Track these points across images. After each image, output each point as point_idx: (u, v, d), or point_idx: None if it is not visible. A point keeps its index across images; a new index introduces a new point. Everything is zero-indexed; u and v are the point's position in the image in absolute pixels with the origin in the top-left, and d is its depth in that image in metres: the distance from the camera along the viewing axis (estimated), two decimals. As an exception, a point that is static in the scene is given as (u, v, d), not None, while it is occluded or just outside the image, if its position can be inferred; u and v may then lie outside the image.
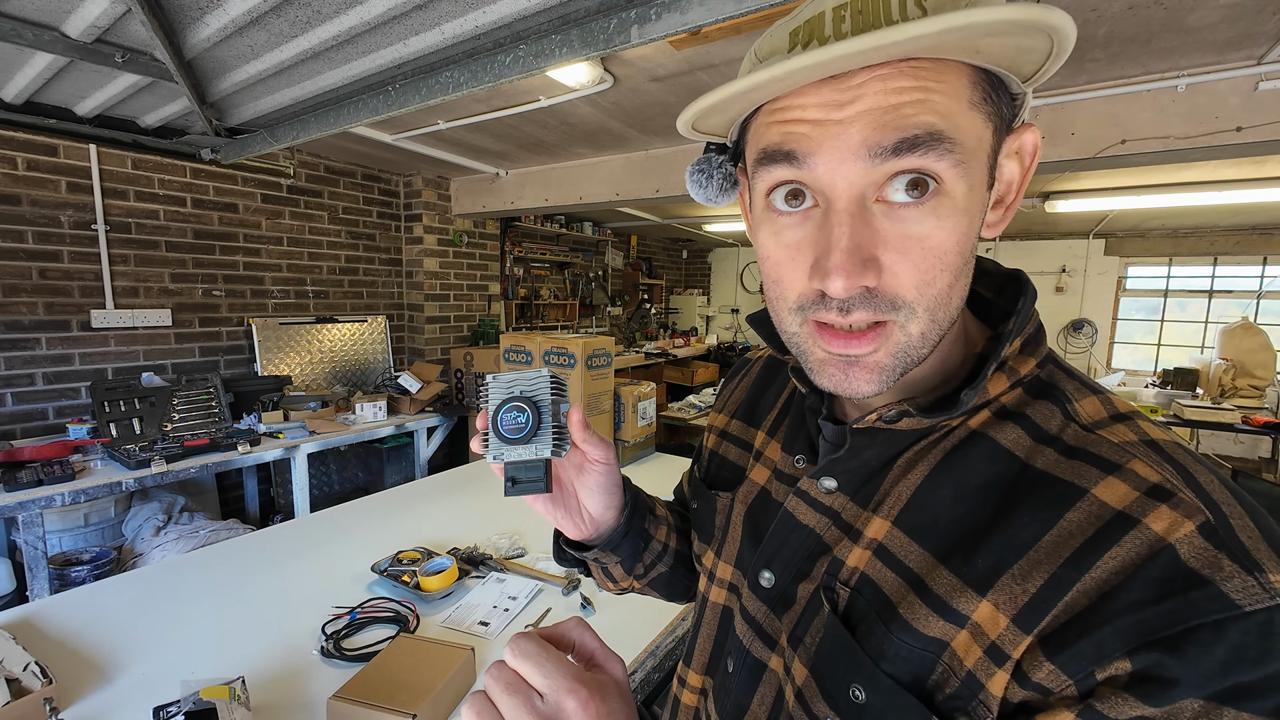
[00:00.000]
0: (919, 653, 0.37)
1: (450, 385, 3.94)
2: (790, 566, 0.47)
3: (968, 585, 0.36)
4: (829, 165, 0.35)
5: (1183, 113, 2.10)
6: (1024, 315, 0.41)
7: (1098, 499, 0.34)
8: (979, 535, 0.37)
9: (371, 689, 0.91)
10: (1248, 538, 0.31)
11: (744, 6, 1.14)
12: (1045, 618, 0.33)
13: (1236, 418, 3.66)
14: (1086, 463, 0.36)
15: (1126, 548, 0.32)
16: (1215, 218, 4.90)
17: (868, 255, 0.35)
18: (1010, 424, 0.40)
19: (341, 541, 1.63)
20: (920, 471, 0.42)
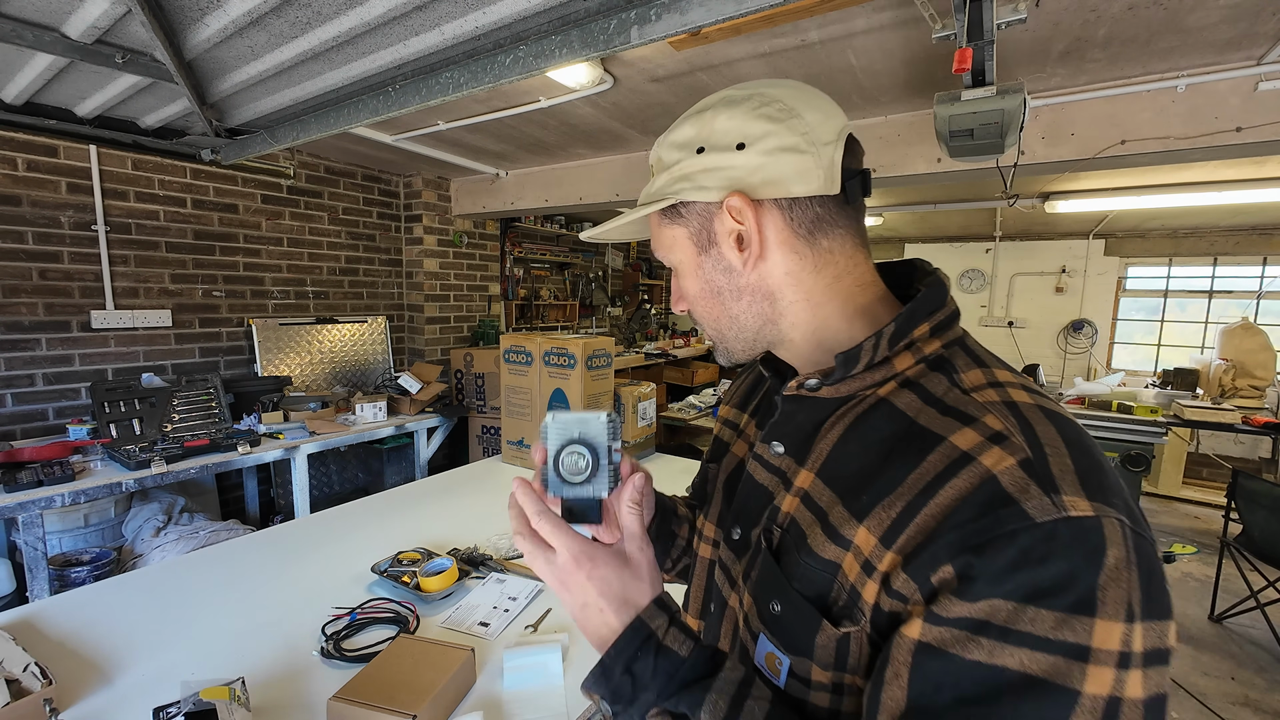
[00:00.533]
0: (820, 573, 0.47)
1: (450, 386, 3.93)
2: (750, 519, 0.57)
3: (853, 516, 0.46)
4: None
5: (1183, 113, 2.10)
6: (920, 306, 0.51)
7: (952, 444, 0.43)
8: (867, 478, 0.46)
9: (372, 689, 0.91)
10: (1058, 470, 0.39)
11: (744, 7, 1.14)
12: (902, 536, 0.42)
13: (1236, 418, 3.65)
14: (953, 418, 0.45)
15: (962, 479, 0.40)
16: (1215, 218, 4.90)
17: (677, 296, 0.61)
18: (908, 391, 0.49)
19: (341, 542, 1.63)
20: (838, 431, 0.51)
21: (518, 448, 2.38)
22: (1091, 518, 0.37)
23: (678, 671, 0.46)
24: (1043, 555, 0.36)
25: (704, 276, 0.56)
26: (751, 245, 0.52)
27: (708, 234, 0.54)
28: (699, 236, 0.55)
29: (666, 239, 0.58)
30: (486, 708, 0.98)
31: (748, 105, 0.52)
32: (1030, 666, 0.35)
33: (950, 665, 0.38)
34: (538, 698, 1.01)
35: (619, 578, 0.50)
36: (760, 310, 0.55)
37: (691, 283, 0.57)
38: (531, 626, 1.22)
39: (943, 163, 2.52)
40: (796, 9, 1.66)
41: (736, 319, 0.56)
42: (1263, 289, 5.28)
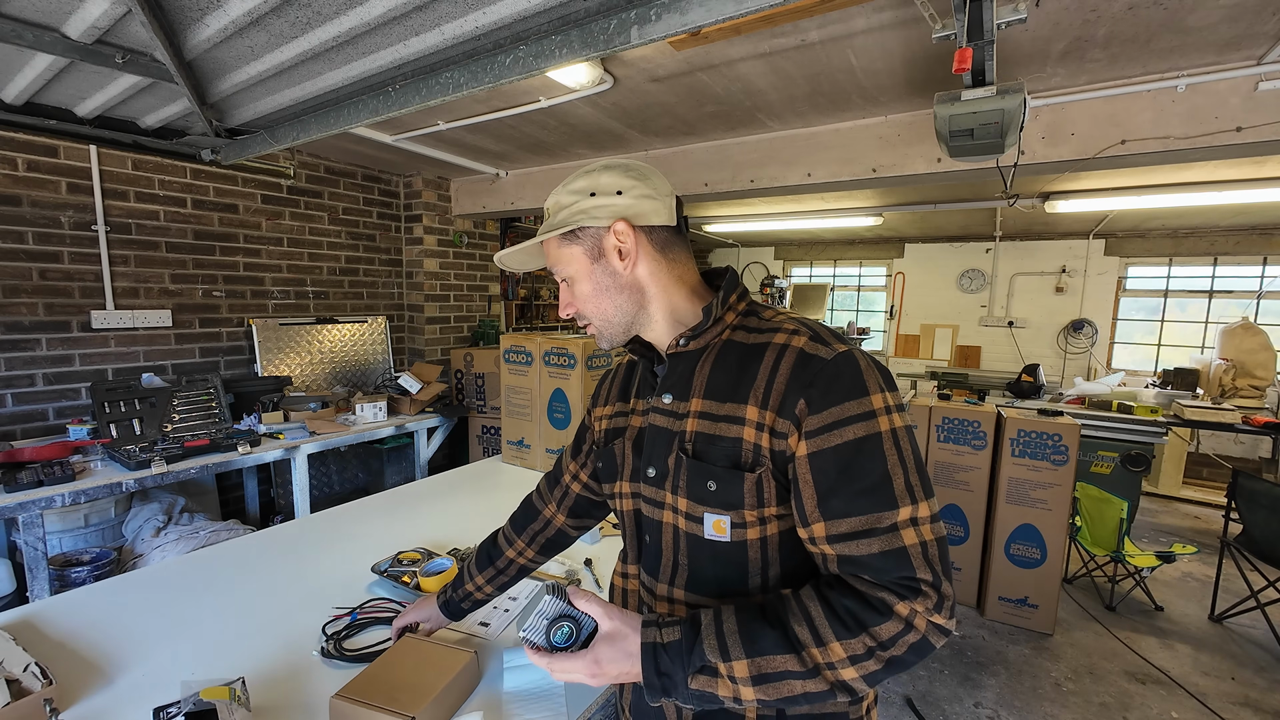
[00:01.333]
0: (730, 448, 0.72)
1: (450, 386, 3.93)
2: (661, 457, 0.79)
3: (740, 403, 0.72)
4: None
5: (1183, 113, 2.10)
6: (729, 285, 0.81)
7: (775, 343, 0.73)
8: (737, 381, 0.74)
9: (373, 689, 0.91)
10: (826, 336, 0.72)
11: (744, 7, 1.14)
12: (771, 398, 0.70)
13: (1237, 418, 3.65)
14: (770, 332, 0.75)
15: (788, 356, 0.71)
16: (1215, 218, 4.90)
17: (566, 303, 0.84)
18: (739, 331, 0.78)
19: (341, 542, 1.63)
20: (706, 369, 0.78)
21: (518, 448, 2.38)
22: (847, 350, 0.69)
23: (682, 646, 0.66)
24: (836, 374, 0.68)
25: (595, 279, 0.80)
26: (630, 255, 0.78)
27: (598, 248, 0.79)
28: (592, 251, 0.79)
29: (565, 256, 0.80)
30: (486, 707, 0.98)
31: (620, 169, 0.79)
32: (860, 432, 0.66)
33: (827, 455, 0.66)
34: (538, 698, 1.01)
35: (614, 646, 0.67)
36: (634, 300, 0.81)
37: (585, 285, 0.80)
38: (531, 626, 1.22)
39: (943, 163, 2.52)
40: (796, 9, 1.66)
41: (620, 308, 0.80)
42: (1263, 289, 5.28)
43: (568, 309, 0.84)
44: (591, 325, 0.83)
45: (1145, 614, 3.07)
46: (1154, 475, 4.92)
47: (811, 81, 2.29)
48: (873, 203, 5.05)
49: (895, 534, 0.63)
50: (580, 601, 0.69)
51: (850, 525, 0.65)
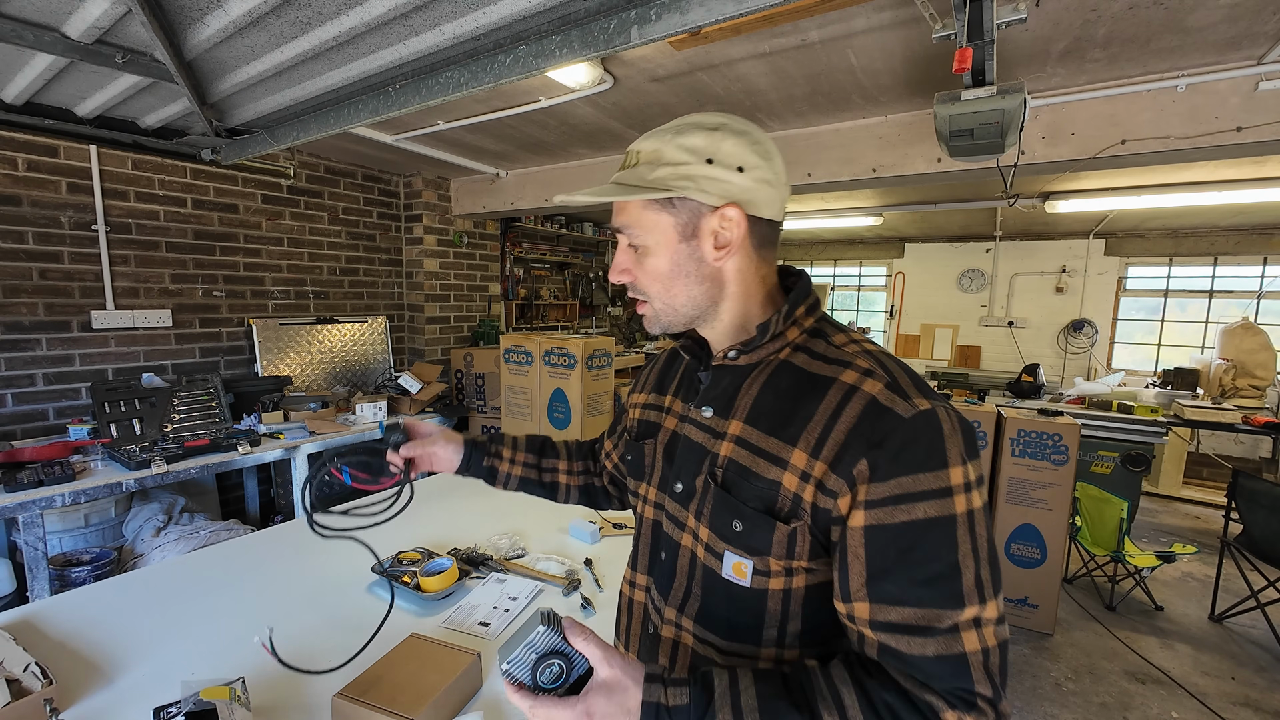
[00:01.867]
0: (766, 490, 0.63)
1: (450, 386, 3.93)
2: (690, 473, 0.72)
3: (786, 443, 0.63)
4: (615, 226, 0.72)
5: (1183, 113, 2.10)
6: (798, 294, 0.70)
7: (841, 381, 0.63)
8: (789, 415, 0.64)
9: (375, 689, 0.91)
10: (906, 386, 0.60)
11: (744, 7, 1.14)
12: (825, 448, 0.60)
13: (1237, 418, 3.65)
14: (836, 364, 0.64)
15: (855, 402, 0.60)
16: (1215, 218, 4.90)
17: (623, 268, 0.72)
18: (800, 353, 0.68)
19: (341, 542, 1.63)
20: (755, 388, 0.68)
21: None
22: (930, 409, 0.58)
23: (690, 713, 0.57)
24: (914, 438, 0.57)
25: (676, 259, 0.68)
26: (729, 247, 0.67)
27: (694, 227, 0.67)
28: (685, 228, 0.67)
29: (648, 222, 0.68)
30: (487, 708, 0.98)
31: (747, 139, 0.66)
32: (931, 512, 0.55)
33: (888, 531, 0.56)
34: (538, 698, 1.01)
35: (610, 698, 0.57)
36: (710, 294, 0.70)
37: (661, 261, 0.69)
38: (532, 626, 1.22)
39: (943, 162, 2.52)
40: (796, 9, 1.66)
41: (693, 300, 0.70)
42: (1263, 289, 5.28)
43: (623, 275, 0.72)
44: (648, 305, 0.72)
45: (1145, 614, 3.07)
46: (1154, 475, 4.92)
47: (811, 81, 2.29)
48: (873, 202, 5.05)
49: (955, 637, 0.54)
50: (577, 639, 0.59)
51: (903, 616, 0.55)
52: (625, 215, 0.69)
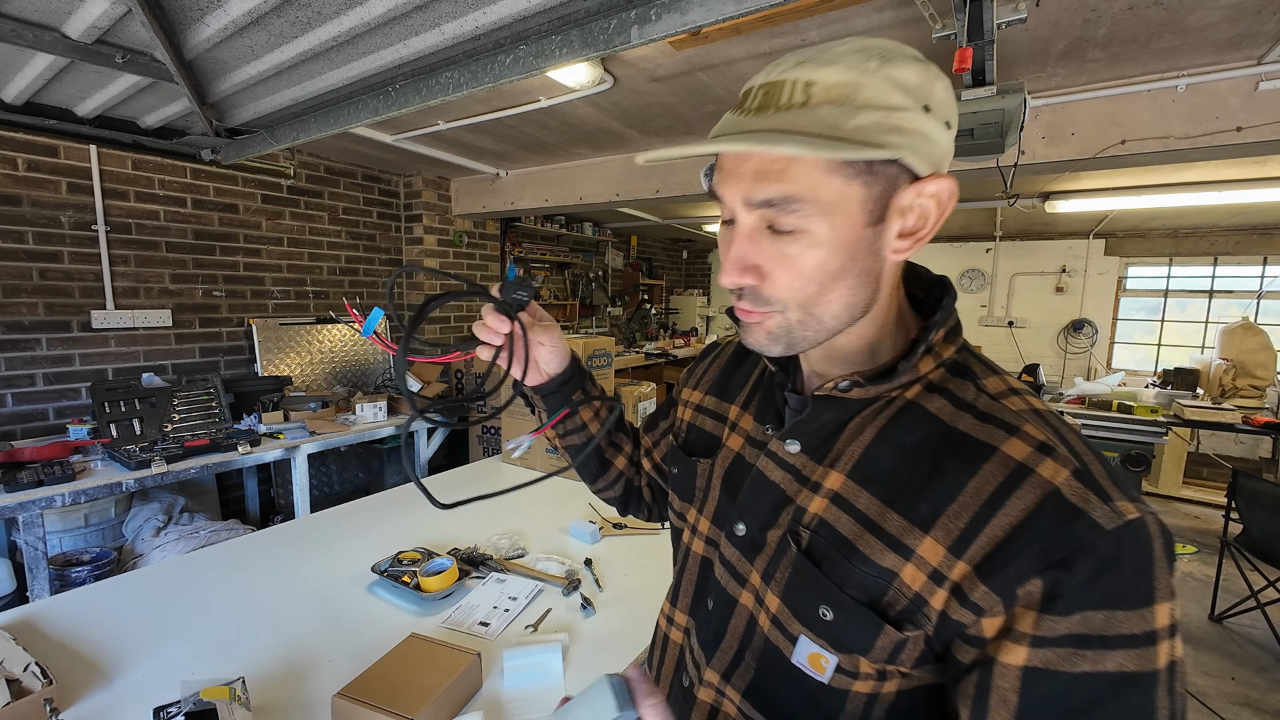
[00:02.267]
0: (874, 579, 0.47)
1: (451, 385, 3.93)
2: (759, 517, 0.57)
3: (914, 525, 0.46)
4: (730, 202, 0.49)
5: (1183, 113, 2.10)
6: (947, 311, 0.52)
7: (1005, 454, 0.45)
8: (920, 485, 0.47)
9: (375, 689, 0.91)
10: (1102, 479, 0.43)
11: (744, 7, 1.14)
12: (972, 546, 0.43)
13: (1237, 418, 3.65)
14: (995, 425, 0.47)
15: (1027, 491, 0.43)
16: (1215, 218, 4.90)
17: (750, 264, 0.49)
18: (936, 395, 0.51)
19: (342, 542, 1.63)
20: (869, 434, 0.52)
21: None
22: (1139, 518, 0.41)
23: None
24: (1116, 559, 0.40)
25: (851, 251, 0.47)
26: (922, 234, 0.48)
27: (883, 206, 0.46)
28: (875, 206, 0.46)
29: (827, 193, 0.45)
30: (487, 708, 0.98)
31: (948, 82, 0.48)
32: (1126, 665, 0.39)
33: (1059, 682, 0.40)
34: (538, 697, 1.01)
35: None
36: (866, 302, 0.50)
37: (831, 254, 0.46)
38: (532, 626, 1.22)
39: (943, 162, 2.52)
40: (796, 9, 1.66)
41: (849, 307, 0.49)
42: (1263, 289, 5.28)
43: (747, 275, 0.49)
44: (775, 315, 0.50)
45: (1145, 614, 3.07)
46: (1154, 475, 4.92)
47: (811, 81, 2.28)
48: (873, 203, 5.04)
49: None
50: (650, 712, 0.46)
51: None
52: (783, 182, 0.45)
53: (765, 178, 0.46)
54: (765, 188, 0.46)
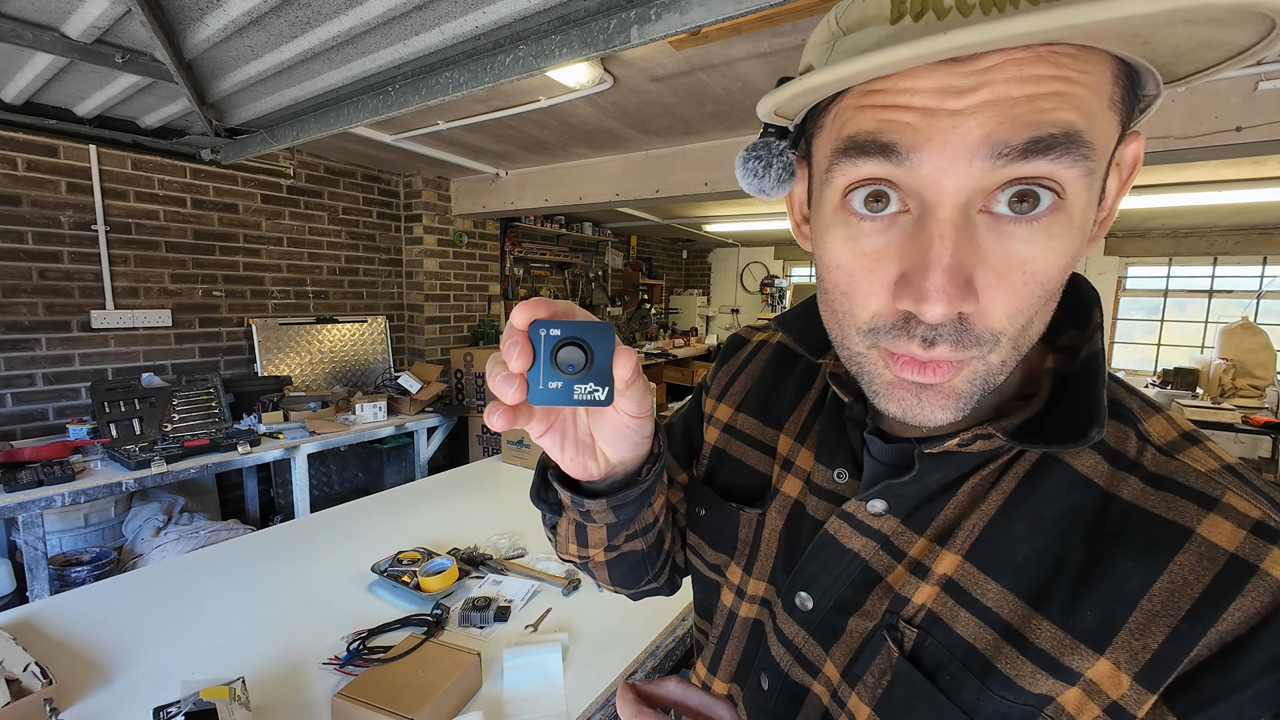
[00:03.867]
0: (1021, 708, 0.34)
1: (450, 385, 3.93)
2: (831, 592, 0.44)
3: (1079, 640, 0.33)
4: (937, 164, 0.29)
5: (1183, 113, 2.10)
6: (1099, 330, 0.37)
7: (1205, 539, 0.32)
8: (1076, 580, 0.34)
9: (375, 690, 0.91)
10: None
11: (744, 6, 1.14)
12: (1171, 675, 0.31)
13: (1236, 418, 3.66)
14: (1179, 495, 0.34)
15: (1251, 598, 0.30)
16: (1215, 218, 4.90)
17: (967, 276, 0.30)
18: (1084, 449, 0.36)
19: (341, 542, 1.63)
20: (994, 502, 0.38)
21: (518, 448, 2.38)
22: None
23: None
24: None
25: (1085, 239, 0.33)
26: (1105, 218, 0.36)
27: (1105, 168, 0.32)
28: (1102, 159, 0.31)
29: (1105, 134, 0.30)
30: (487, 708, 0.98)
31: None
32: None
33: None
34: (538, 697, 1.01)
35: None
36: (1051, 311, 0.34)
37: (1078, 246, 0.32)
38: (531, 626, 1.22)
39: (943, 162, 2.52)
40: (796, 8, 1.66)
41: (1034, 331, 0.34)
42: (1263, 288, 5.28)
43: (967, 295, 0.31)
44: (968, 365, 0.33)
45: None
46: (1154, 475, 4.92)
47: (811, 81, 2.29)
48: (873, 202, 5.04)
49: None
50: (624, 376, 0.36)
51: None
52: (1070, 109, 0.28)
53: (1033, 107, 0.28)
54: (1036, 121, 0.28)
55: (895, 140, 0.30)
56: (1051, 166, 0.28)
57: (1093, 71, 0.29)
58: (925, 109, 0.29)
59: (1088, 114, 0.29)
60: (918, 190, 0.31)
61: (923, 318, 0.31)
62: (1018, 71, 0.28)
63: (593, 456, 0.43)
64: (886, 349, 0.34)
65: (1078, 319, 0.39)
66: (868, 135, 0.31)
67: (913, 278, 0.31)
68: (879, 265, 0.33)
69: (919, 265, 0.31)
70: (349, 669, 1.04)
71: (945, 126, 0.29)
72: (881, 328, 0.34)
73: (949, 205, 0.30)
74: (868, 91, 0.31)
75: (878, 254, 0.33)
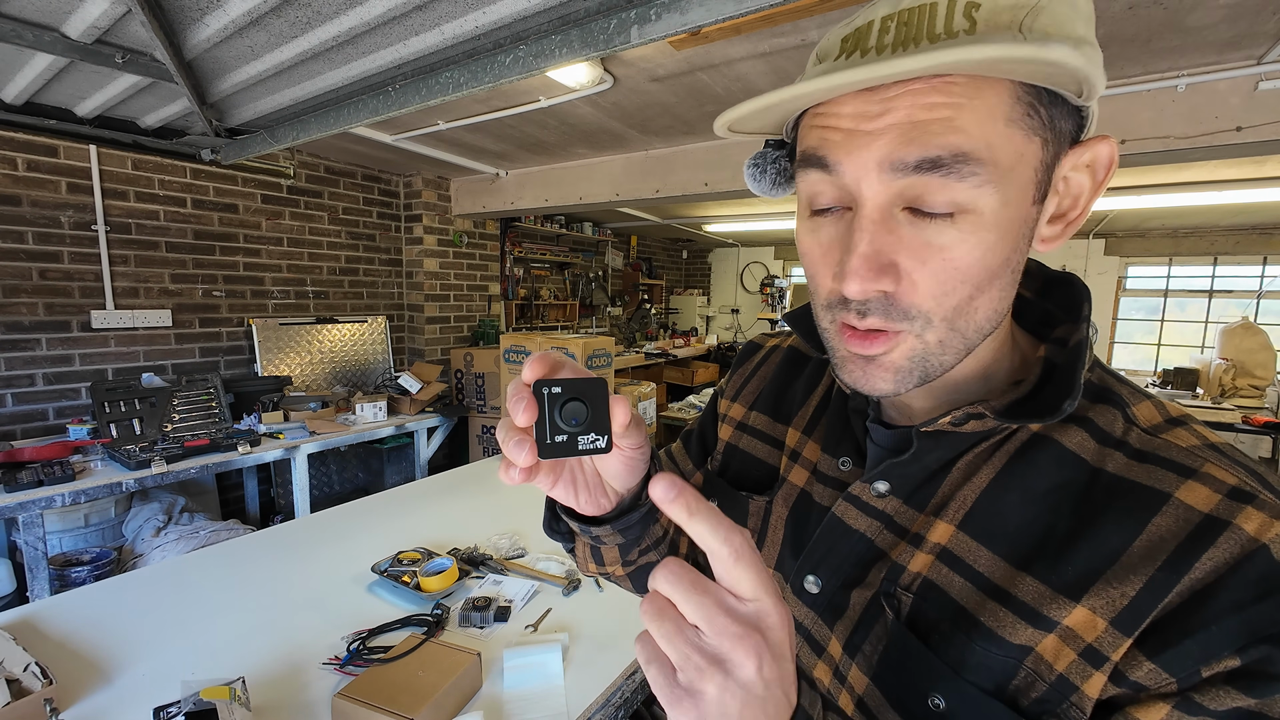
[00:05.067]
0: (1002, 659, 0.37)
1: (450, 385, 3.93)
2: (839, 572, 0.47)
3: (1059, 592, 0.36)
4: (855, 174, 0.36)
5: (1183, 113, 2.10)
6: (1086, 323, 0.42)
7: (1183, 503, 0.35)
8: (1062, 543, 0.37)
9: (374, 689, 0.91)
10: None
11: (744, 6, 1.14)
12: (1145, 620, 0.34)
13: (1236, 418, 3.66)
14: (1160, 467, 0.37)
15: (1222, 549, 0.33)
16: (1215, 218, 4.90)
17: (886, 261, 0.36)
18: (1073, 427, 0.40)
19: (342, 542, 1.63)
20: (985, 475, 0.42)
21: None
22: None
23: None
24: None
25: (1016, 240, 0.37)
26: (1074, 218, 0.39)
27: (1049, 177, 0.37)
28: (1044, 174, 0.36)
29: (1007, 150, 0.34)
30: (487, 708, 0.98)
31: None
32: None
33: None
34: (538, 697, 1.01)
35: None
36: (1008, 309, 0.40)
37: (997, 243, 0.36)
38: (531, 626, 1.22)
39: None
40: (796, 9, 1.66)
41: (994, 316, 0.39)
42: (1263, 288, 5.28)
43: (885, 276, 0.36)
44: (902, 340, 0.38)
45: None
46: (1154, 475, 4.92)
47: (811, 81, 2.29)
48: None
49: None
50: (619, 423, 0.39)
51: None
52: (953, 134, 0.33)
53: (924, 131, 0.33)
54: (926, 142, 0.33)
55: (827, 155, 0.37)
56: (943, 180, 0.34)
57: (985, 97, 0.34)
58: (848, 130, 0.36)
59: (978, 135, 0.34)
60: (849, 193, 0.37)
61: (844, 293, 0.37)
62: (914, 100, 0.34)
63: (604, 493, 0.47)
64: (840, 320, 0.40)
65: (1071, 314, 0.44)
66: (811, 150, 0.38)
67: (843, 262, 0.37)
68: (829, 253, 0.39)
69: (846, 252, 0.37)
70: (349, 669, 1.04)
71: (860, 144, 0.35)
72: (833, 303, 0.40)
73: (870, 205, 0.36)
74: (815, 114, 0.39)
75: (829, 244, 0.39)
